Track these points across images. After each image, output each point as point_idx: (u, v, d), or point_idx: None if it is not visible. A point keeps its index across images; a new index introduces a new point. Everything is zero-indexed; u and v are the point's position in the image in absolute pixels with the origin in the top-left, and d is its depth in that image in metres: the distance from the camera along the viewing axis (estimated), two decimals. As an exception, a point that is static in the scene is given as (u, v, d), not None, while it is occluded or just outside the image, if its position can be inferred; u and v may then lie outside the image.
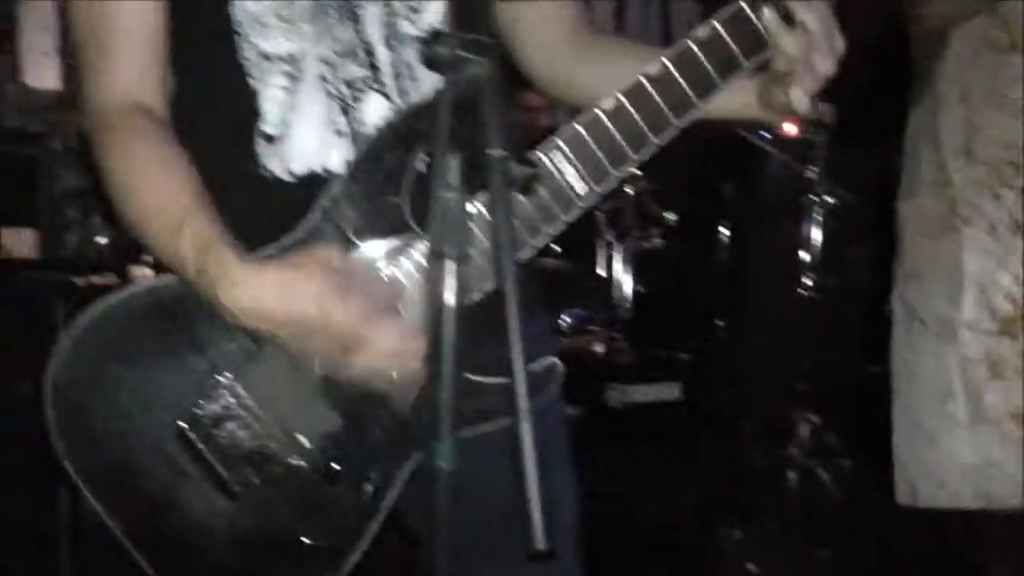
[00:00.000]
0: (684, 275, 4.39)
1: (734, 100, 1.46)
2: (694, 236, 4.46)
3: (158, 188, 1.38)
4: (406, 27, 1.48)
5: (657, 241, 3.86)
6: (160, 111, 1.46)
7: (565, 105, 1.56)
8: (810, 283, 4.32)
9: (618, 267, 3.61)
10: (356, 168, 1.39)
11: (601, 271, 3.68)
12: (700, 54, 1.38)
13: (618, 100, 1.37)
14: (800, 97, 1.38)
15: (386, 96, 1.46)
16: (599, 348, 3.59)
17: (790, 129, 4.80)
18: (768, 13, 1.37)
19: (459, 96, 1.08)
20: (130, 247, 2.88)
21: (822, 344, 4.26)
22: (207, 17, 1.44)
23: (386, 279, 1.38)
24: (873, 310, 5.40)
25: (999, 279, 2.08)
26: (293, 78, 1.44)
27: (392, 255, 1.38)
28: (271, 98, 1.44)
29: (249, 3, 1.42)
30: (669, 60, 1.38)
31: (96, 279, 2.91)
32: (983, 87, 2.11)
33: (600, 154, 1.38)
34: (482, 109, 1.07)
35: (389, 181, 1.37)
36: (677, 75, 1.37)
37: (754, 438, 4.32)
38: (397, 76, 1.47)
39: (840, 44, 1.38)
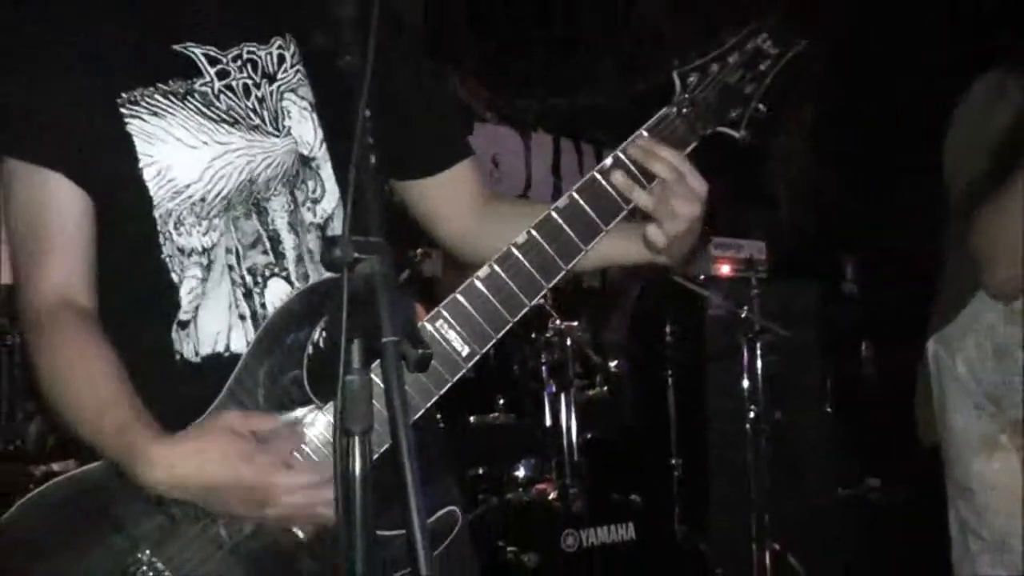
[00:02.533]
0: (632, 419, 4.52)
1: (625, 247, 1.64)
2: (639, 381, 4.61)
3: (81, 378, 1.52)
4: (308, 216, 1.64)
5: (602, 389, 3.99)
6: (89, 305, 1.59)
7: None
8: (756, 417, 4.47)
9: (565, 416, 3.73)
10: (258, 348, 1.54)
11: (548, 422, 3.79)
12: (562, 222, 1.55)
13: (492, 268, 1.55)
14: (664, 240, 1.55)
15: (287, 280, 1.62)
16: (552, 496, 3.67)
17: (724, 270, 5.02)
18: (619, 175, 1.54)
19: (356, 290, 1.24)
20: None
21: (774, 474, 4.37)
22: (132, 218, 1.59)
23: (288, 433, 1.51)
24: (824, 439, 5.56)
25: None
26: (206, 268, 1.59)
27: (296, 425, 1.53)
28: (187, 288, 1.59)
29: (169, 203, 1.58)
30: (534, 229, 1.55)
31: (56, 466, 2.98)
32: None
33: (480, 318, 1.54)
34: (377, 300, 1.23)
35: (289, 358, 1.52)
36: (543, 242, 1.55)
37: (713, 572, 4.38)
38: (299, 261, 1.63)
39: (701, 186, 1.54)
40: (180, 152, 1.57)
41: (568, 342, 3.79)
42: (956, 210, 2.27)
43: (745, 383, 4.53)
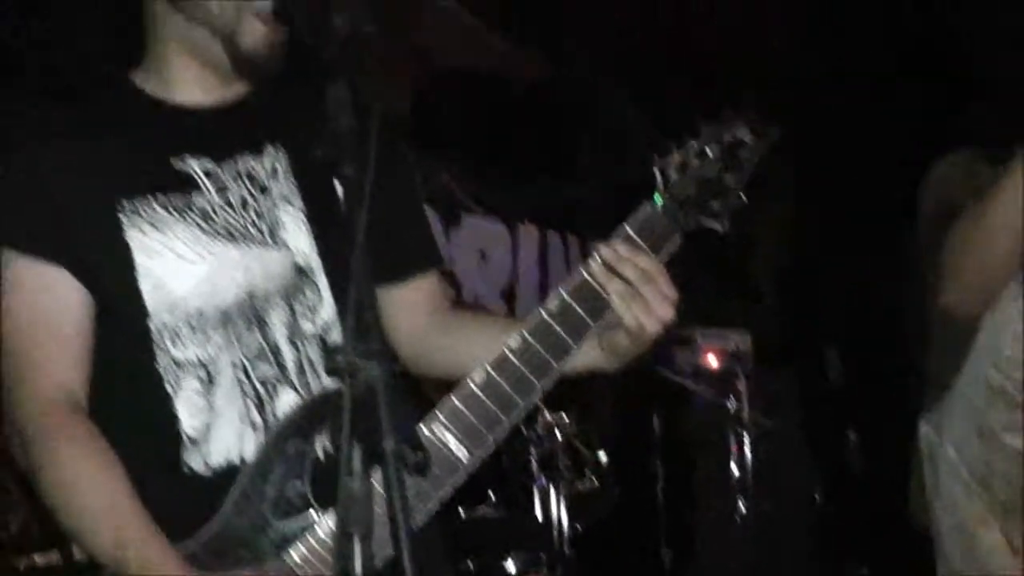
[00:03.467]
0: (621, 510, 4.50)
1: (585, 354, 1.64)
2: (628, 473, 4.60)
3: (85, 489, 1.52)
4: (307, 326, 1.67)
5: (591, 481, 3.99)
6: (87, 408, 1.59)
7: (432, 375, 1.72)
8: (744, 507, 4.47)
9: (555, 509, 3.72)
10: (262, 458, 1.55)
11: (539, 515, 3.78)
12: (554, 323, 1.58)
13: (487, 372, 1.58)
14: (627, 344, 1.59)
15: (295, 390, 1.65)
16: (543, 591, 3.66)
17: (712, 362, 5.06)
18: (595, 266, 1.58)
19: (357, 396, 1.26)
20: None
21: (764, 564, 4.35)
22: (127, 326, 1.60)
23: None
24: (813, 527, 5.55)
25: None
26: (207, 382, 1.61)
27: (298, 535, 1.54)
28: (186, 400, 1.60)
29: (165, 315, 1.60)
30: (527, 332, 1.58)
31: (39, 558, 2.94)
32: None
33: (476, 421, 1.56)
34: (377, 406, 1.26)
35: (292, 467, 1.54)
36: (536, 344, 1.57)
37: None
38: (301, 372, 1.66)
39: (671, 292, 1.57)
40: (178, 265, 1.60)
41: (557, 435, 3.80)
42: (933, 290, 2.32)
43: (733, 473, 4.54)
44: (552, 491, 3.75)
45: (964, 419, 2.26)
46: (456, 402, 1.58)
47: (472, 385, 1.58)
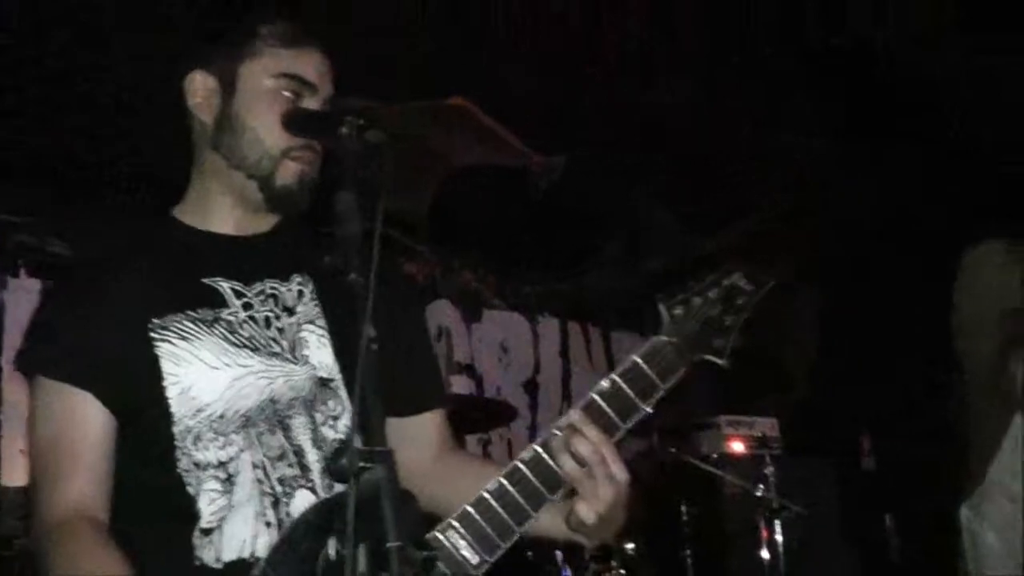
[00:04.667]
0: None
1: (550, 520, 1.72)
2: (657, 563, 4.55)
3: None
4: (329, 433, 1.75)
5: (619, 572, 3.95)
6: (102, 518, 1.66)
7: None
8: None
9: (582, 603, 3.69)
10: (275, 556, 1.59)
11: (566, 609, 3.74)
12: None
13: (500, 482, 1.64)
14: (590, 518, 1.64)
15: (313, 491, 1.70)
16: None
17: (737, 448, 5.03)
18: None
19: (361, 498, 1.29)
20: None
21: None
22: (152, 434, 1.69)
23: None
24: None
25: None
26: (227, 481, 1.67)
27: None
28: (206, 500, 1.66)
29: (189, 420, 1.67)
30: (538, 445, 1.66)
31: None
32: None
33: (488, 528, 1.60)
34: (381, 507, 1.28)
35: (303, 566, 1.56)
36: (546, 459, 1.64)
37: None
38: (324, 473, 1.72)
39: (621, 474, 1.66)
40: (203, 372, 1.70)
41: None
42: (975, 380, 2.34)
43: (766, 559, 4.48)
44: (580, 585, 3.71)
45: (1003, 503, 2.29)
46: (470, 509, 1.63)
47: (485, 494, 1.63)
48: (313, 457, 1.72)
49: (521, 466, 1.64)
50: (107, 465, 1.69)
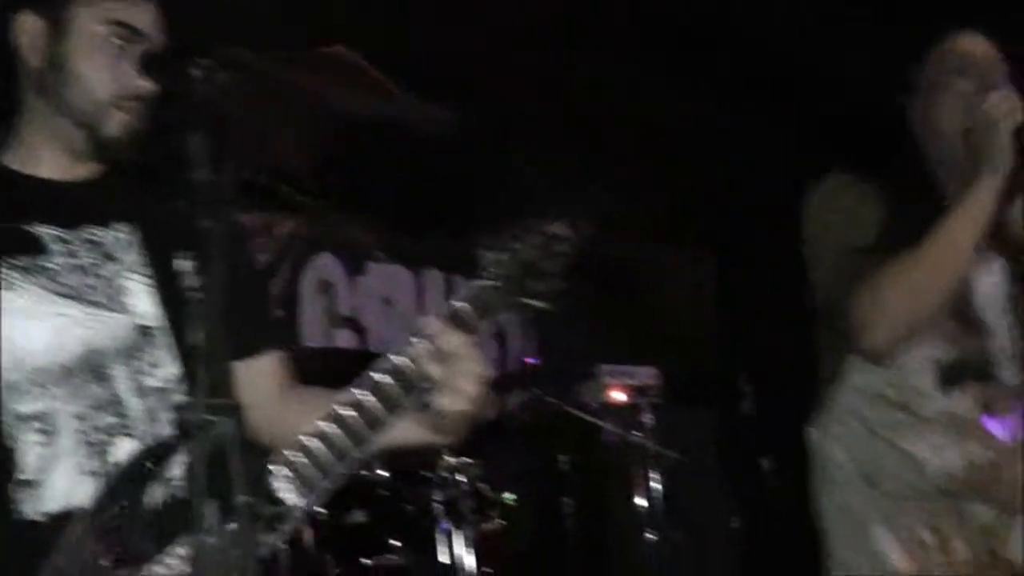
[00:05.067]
0: (531, 550, 4.54)
1: (409, 430, 1.75)
2: (536, 512, 4.64)
3: None
4: (151, 381, 1.74)
5: (497, 522, 4.00)
6: None
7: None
8: (655, 540, 4.52)
9: (460, 552, 3.72)
10: (95, 506, 1.58)
11: (445, 559, 3.78)
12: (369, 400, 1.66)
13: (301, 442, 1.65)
14: (449, 408, 1.68)
15: (136, 439, 1.70)
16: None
17: (617, 396, 5.12)
18: (421, 346, 1.67)
19: (208, 452, 1.28)
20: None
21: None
22: None
23: None
24: (731, 554, 5.62)
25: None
26: (47, 432, 1.66)
27: None
28: (26, 452, 1.65)
29: (7, 372, 1.65)
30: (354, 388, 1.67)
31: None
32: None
33: (346, 436, 1.65)
34: (229, 462, 1.27)
35: (128, 516, 1.56)
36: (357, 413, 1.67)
37: None
38: (148, 421, 1.72)
39: (482, 370, 1.69)
40: (21, 323, 1.66)
41: (460, 478, 3.81)
42: (820, 310, 2.40)
43: (643, 506, 4.59)
44: (457, 535, 3.74)
45: (848, 421, 2.35)
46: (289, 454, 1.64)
47: (303, 438, 1.65)
48: (135, 406, 1.71)
49: (376, 375, 1.68)
50: None
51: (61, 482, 1.64)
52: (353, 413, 1.65)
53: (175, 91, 1.62)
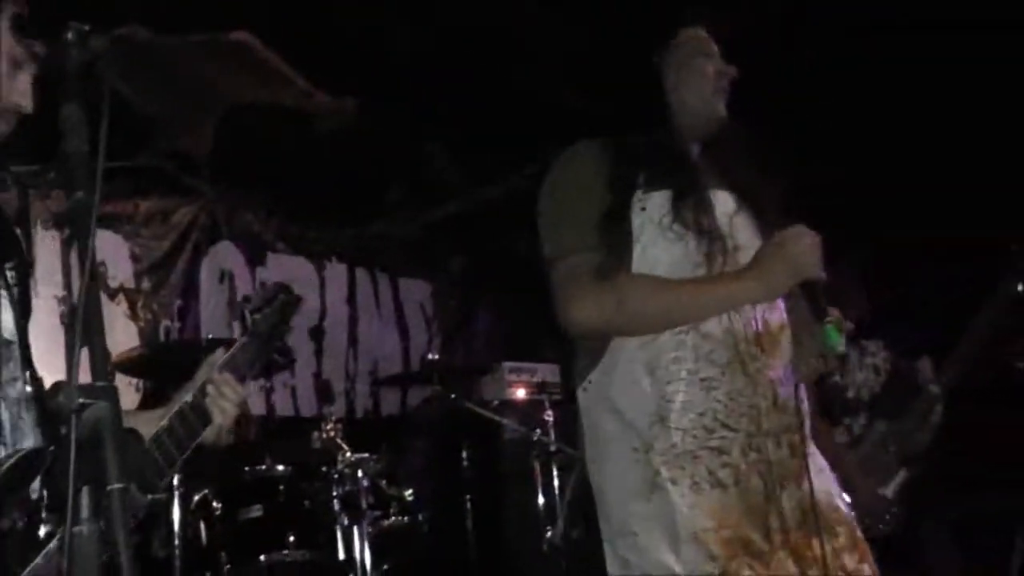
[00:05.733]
0: (431, 547, 4.48)
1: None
2: (437, 508, 4.58)
3: None
4: (11, 392, 1.73)
5: (396, 518, 3.95)
6: None
7: None
8: (553, 536, 4.51)
9: (359, 549, 3.66)
10: None
11: (342, 555, 3.71)
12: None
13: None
14: (220, 424, 2.00)
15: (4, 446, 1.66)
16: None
17: (519, 394, 5.10)
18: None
19: (82, 437, 1.21)
20: None
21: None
22: None
23: None
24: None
25: (708, 527, 2.26)
26: None
27: None
28: None
29: None
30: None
31: None
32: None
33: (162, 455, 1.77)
34: (103, 446, 1.20)
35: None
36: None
37: None
38: (14, 431, 1.69)
39: (237, 397, 2.04)
40: None
41: (359, 474, 3.75)
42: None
43: (541, 503, 4.58)
44: (356, 531, 3.68)
45: (617, 384, 2.32)
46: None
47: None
48: (3, 415, 1.69)
49: (184, 407, 1.95)
50: None
51: None
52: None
53: (48, 55, 1.56)
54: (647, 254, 2.34)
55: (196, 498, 3.63)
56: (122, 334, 4.73)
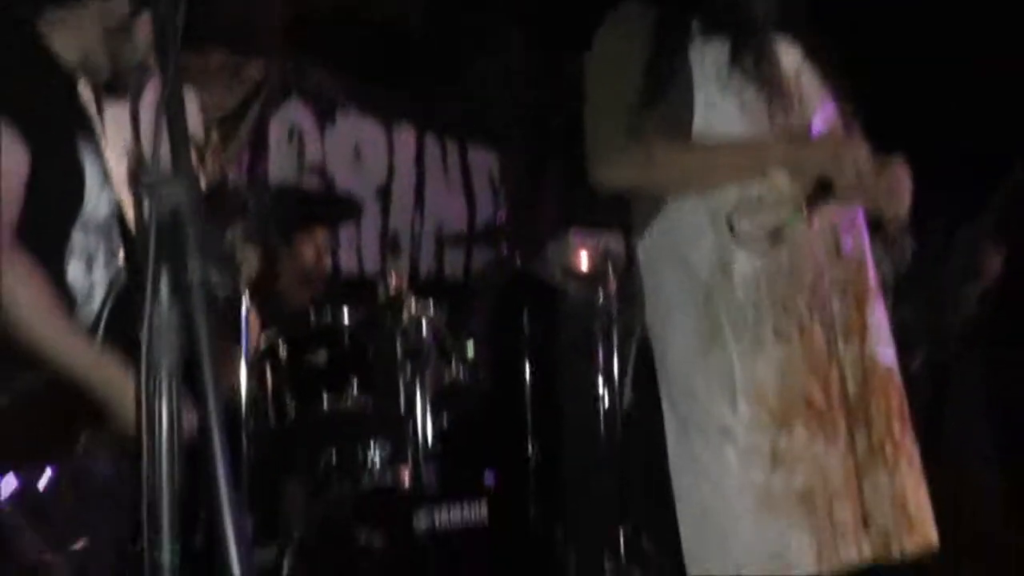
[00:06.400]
0: (489, 406, 4.54)
1: None
2: (497, 370, 4.64)
3: None
4: None
5: (458, 375, 3.99)
6: None
7: None
8: (611, 405, 4.54)
9: (420, 400, 3.71)
10: None
11: (403, 406, 3.77)
12: None
13: None
14: None
15: None
16: (405, 479, 3.66)
17: (583, 262, 5.09)
18: None
19: (163, 219, 1.22)
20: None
21: (628, 460, 4.43)
22: None
23: None
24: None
25: (768, 382, 2.25)
26: None
27: None
28: None
29: None
30: None
31: None
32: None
33: None
34: (184, 231, 1.21)
35: None
36: None
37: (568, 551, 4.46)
38: None
39: None
40: None
41: (423, 328, 3.78)
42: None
43: (601, 369, 4.60)
44: (417, 383, 3.73)
45: (678, 236, 2.31)
46: None
47: None
48: None
49: None
50: None
51: None
52: None
53: None
54: (704, 111, 2.29)
55: (263, 342, 3.70)
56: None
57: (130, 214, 1.86)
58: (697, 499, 2.29)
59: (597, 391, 4.53)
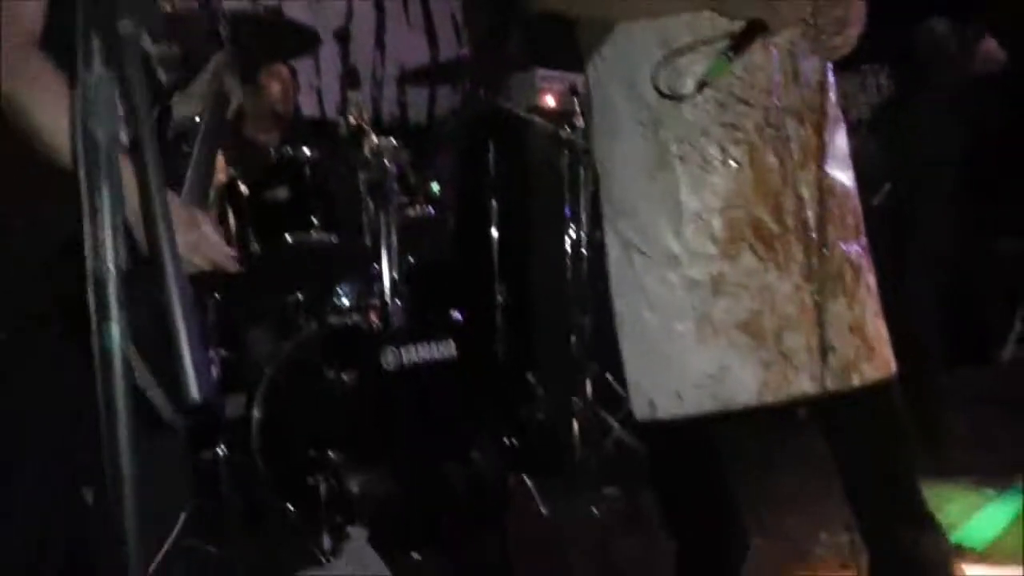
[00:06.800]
0: (455, 243, 4.51)
1: None
2: (463, 208, 4.58)
3: None
4: None
5: (423, 210, 3.93)
6: None
7: None
8: (577, 237, 4.52)
9: (384, 236, 3.65)
10: None
11: (368, 241, 3.71)
12: None
13: None
14: None
15: None
16: (373, 316, 3.64)
17: (549, 101, 5.00)
18: None
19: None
20: None
21: (595, 296, 4.43)
22: None
23: None
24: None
25: (714, 208, 2.20)
26: None
27: None
28: None
29: None
30: None
31: None
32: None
33: None
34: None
35: None
36: None
37: (536, 390, 4.50)
38: None
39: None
40: None
41: (386, 161, 3.70)
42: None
43: (567, 205, 4.57)
44: (382, 218, 3.66)
45: (630, 61, 2.21)
46: None
47: None
48: None
49: None
50: None
51: None
52: None
53: None
54: None
55: (223, 181, 3.61)
56: None
57: None
58: (639, 325, 2.25)
59: (565, 226, 4.50)
